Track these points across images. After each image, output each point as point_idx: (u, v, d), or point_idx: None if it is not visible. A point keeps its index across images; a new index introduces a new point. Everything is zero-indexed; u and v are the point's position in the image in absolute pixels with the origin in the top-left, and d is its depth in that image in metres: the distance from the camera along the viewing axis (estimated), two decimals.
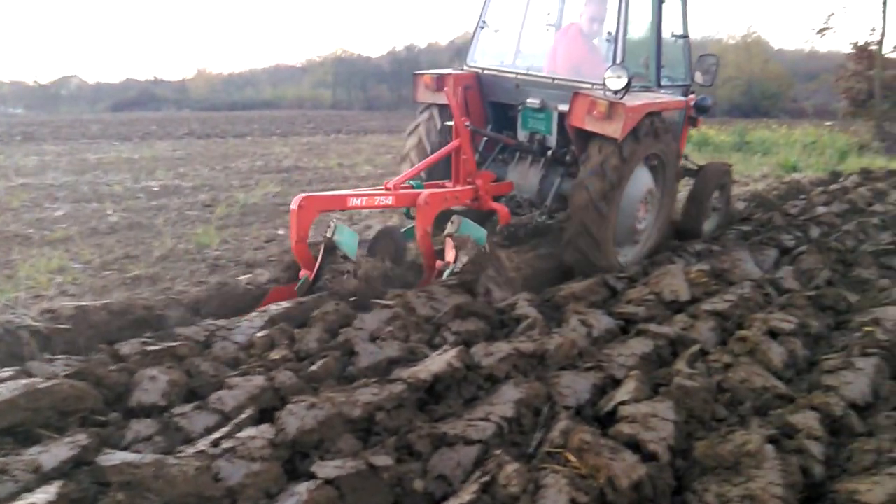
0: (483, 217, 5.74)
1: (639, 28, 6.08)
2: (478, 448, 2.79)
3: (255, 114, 36.79)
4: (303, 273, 4.84)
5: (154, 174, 11.86)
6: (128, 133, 20.10)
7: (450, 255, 5.06)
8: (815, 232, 7.40)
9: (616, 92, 5.29)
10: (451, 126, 5.70)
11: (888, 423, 3.22)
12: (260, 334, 3.82)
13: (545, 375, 3.53)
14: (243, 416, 2.86)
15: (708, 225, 7.41)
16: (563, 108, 5.73)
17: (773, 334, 4.08)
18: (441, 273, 5.04)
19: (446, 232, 5.19)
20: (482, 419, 2.97)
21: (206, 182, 11.18)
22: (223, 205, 9.03)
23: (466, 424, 2.91)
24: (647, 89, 6.01)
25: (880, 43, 19.54)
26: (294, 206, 4.61)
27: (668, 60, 6.37)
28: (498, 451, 2.70)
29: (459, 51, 52.42)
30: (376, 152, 16.62)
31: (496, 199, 5.98)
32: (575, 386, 3.42)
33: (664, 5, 6.05)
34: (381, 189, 5.20)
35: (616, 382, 3.54)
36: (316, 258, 4.81)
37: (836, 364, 3.78)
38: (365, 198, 5.06)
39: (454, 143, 5.65)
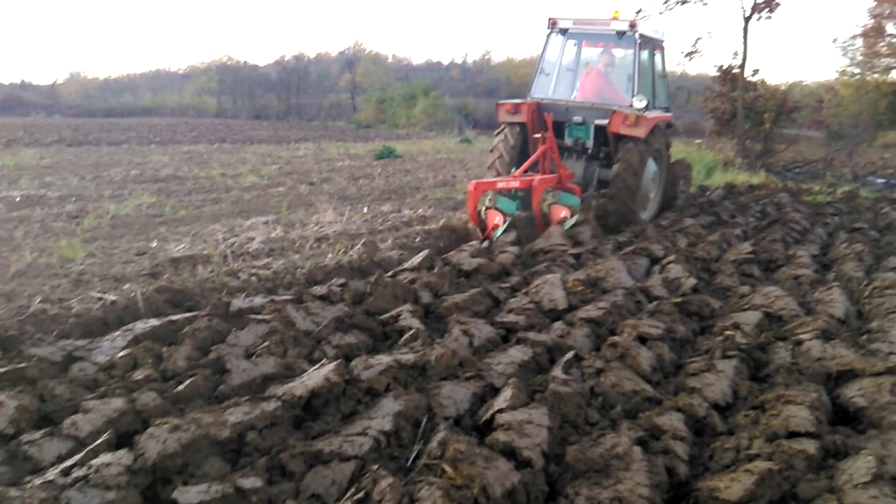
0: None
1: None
2: (354, 464, 2.73)
3: (133, 121, 35.09)
4: (490, 230, 7.62)
5: (17, 183, 11.00)
6: None
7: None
8: (682, 242, 7.84)
9: (640, 109, 8.62)
10: (514, 137, 9.27)
11: (746, 422, 3.41)
12: (122, 354, 3.59)
13: (426, 387, 3.52)
14: (99, 441, 2.66)
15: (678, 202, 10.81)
16: (599, 122, 8.98)
17: (643, 339, 4.26)
18: (561, 222, 8.02)
19: (548, 202, 8.59)
20: (360, 434, 2.91)
21: (74, 192, 10.48)
22: (91, 216, 8.48)
23: (343, 440, 2.84)
24: (647, 109, 8.86)
25: (742, 66, 21.05)
26: (470, 188, 7.44)
27: (657, 90, 9.74)
28: (375, 467, 2.65)
29: (349, 62, 52.35)
30: (262, 162, 16.20)
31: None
32: (455, 396, 3.42)
33: (655, 57, 9.64)
34: (510, 178, 8.12)
35: (495, 391, 3.58)
36: (482, 221, 7.80)
37: (700, 367, 3.99)
38: (503, 183, 7.92)
39: (543, 148, 8.53)
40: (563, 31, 9.61)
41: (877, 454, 2.86)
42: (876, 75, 42.88)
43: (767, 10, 20.50)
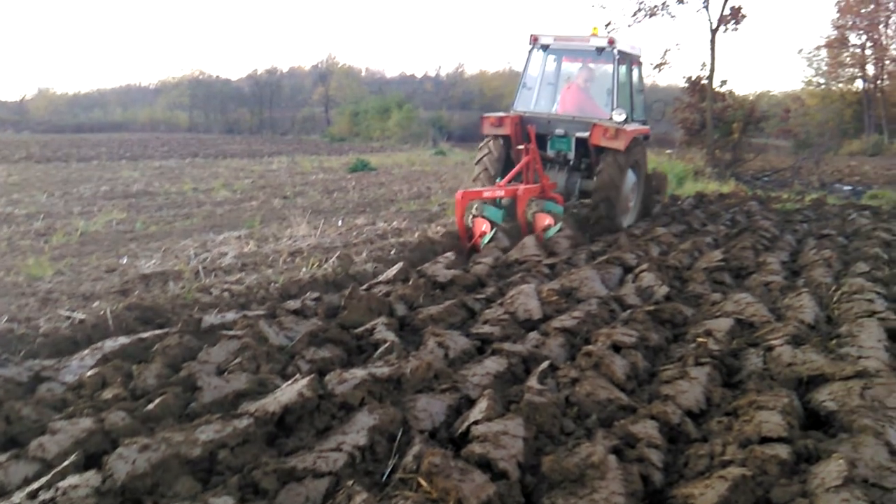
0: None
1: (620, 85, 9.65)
2: (328, 480, 2.69)
3: (104, 136, 34.69)
4: (478, 237, 7.99)
5: None
6: None
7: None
8: (655, 251, 7.91)
9: (619, 123, 9.02)
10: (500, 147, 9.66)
11: (720, 428, 3.44)
12: (90, 373, 3.52)
13: (401, 400, 3.49)
14: (66, 463, 2.60)
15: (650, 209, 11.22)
16: (580, 134, 9.41)
17: (617, 348, 4.28)
18: (545, 230, 8.28)
19: (532, 211, 8.87)
20: (334, 449, 2.88)
21: (42, 209, 10.30)
22: (60, 233, 8.34)
23: (317, 456, 2.81)
24: (626, 122, 9.31)
25: (710, 78, 21.41)
26: (458, 197, 7.82)
27: (634, 104, 10.18)
28: (350, 482, 2.62)
29: (322, 76, 52.26)
30: (235, 176, 16.08)
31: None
32: (430, 409, 3.40)
33: (633, 72, 10.10)
34: (495, 187, 8.58)
35: (471, 403, 3.57)
36: (469, 229, 8.21)
37: (673, 374, 4.02)
38: (489, 192, 8.37)
39: (527, 159, 8.92)
40: (545, 47, 10.03)
41: (847, 457, 2.90)
42: (841, 85, 44.07)
43: (734, 21, 20.91)
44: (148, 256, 7.16)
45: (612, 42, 9.37)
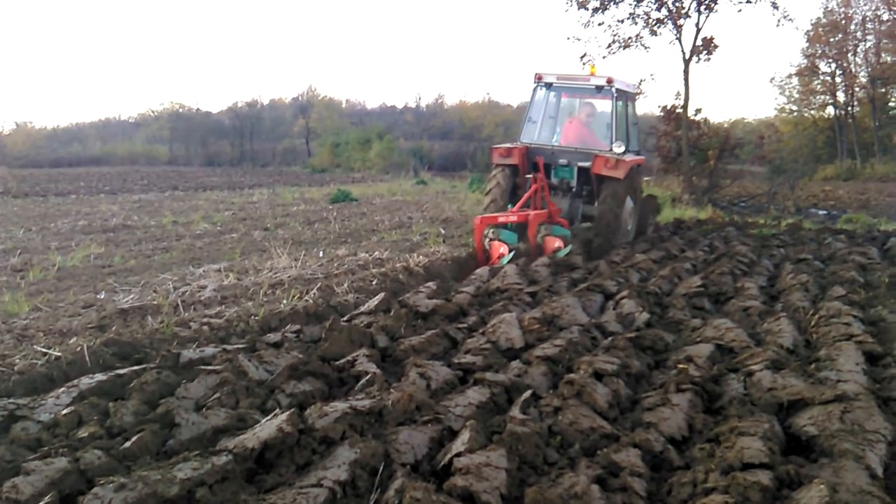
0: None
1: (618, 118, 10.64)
2: None
3: (82, 171, 34.51)
4: (495, 259, 8.82)
5: None
6: None
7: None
8: (635, 277, 7.96)
9: (619, 154, 9.94)
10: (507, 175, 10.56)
11: (702, 455, 3.44)
12: (66, 411, 3.46)
13: (383, 433, 3.46)
14: None
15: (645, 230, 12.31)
16: (582, 164, 10.36)
17: (599, 376, 4.28)
18: (556, 252, 9.35)
19: (541, 234, 9.64)
20: (314, 485, 2.84)
21: (18, 244, 10.16)
22: (36, 269, 8.23)
23: (297, 493, 2.77)
24: (624, 153, 10.18)
25: (685, 106, 21.81)
26: (476, 222, 8.94)
27: (630, 136, 11.02)
28: None
29: (303, 108, 52.49)
30: (215, 209, 16.01)
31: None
32: (412, 441, 3.38)
33: (628, 107, 11.08)
34: (509, 213, 9.57)
35: (454, 434, 3.54)
36: (486, 251, 9.05)
37: (655, 401, 4.03)
38: (503, 218, 9.28)
39: (535, 187, 9.85)
40: (548, 85, 11.01)
41: (829, 482, 2.91)
42: (813, 112, 44.99)
43: (706, 52, 21.38)
44: (126, 291, 7.07)
45: (610, 81, 10.32)
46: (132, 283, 7.55)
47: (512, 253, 8.87)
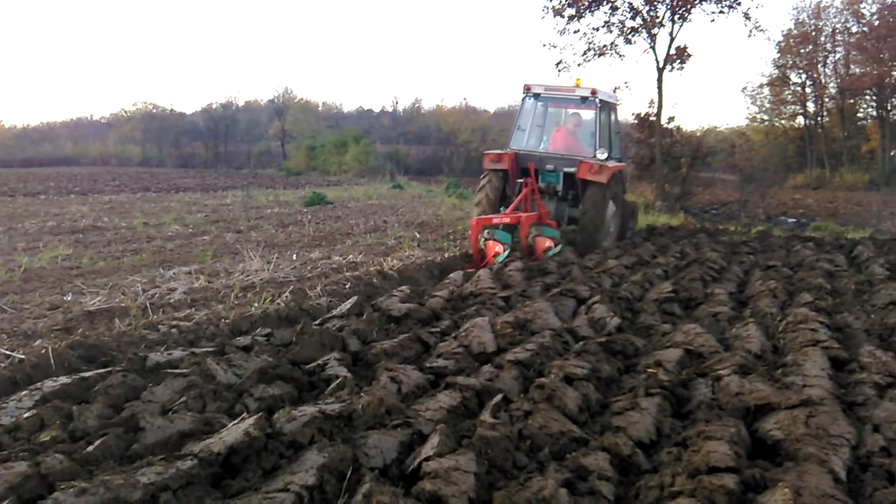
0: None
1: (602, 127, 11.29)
2: None
3: (52, 171, 33.98)
4: (491, 258, 9.28)
5: None
6: None
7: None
8: (607, 282, 8.02)
9: (602, 160, 10.62)
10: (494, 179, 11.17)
11: (670, 459, 3.46)
12: (28, 414, 3.38)
13: (352, 437, 3.42)
14: None
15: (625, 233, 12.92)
16: (567, 170, 11.01)
17: (569, 380, 4.29)
18: (546, 251, 10.06)
19: (532, 235, 10.40)
20: (281, 490, 2.80)
21: None
22: (2, 270, 8.06)
23: (263, 497, 2.73)
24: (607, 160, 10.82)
25: (658, 114, 22.08)
26: (473, 223, 9.45)
27: (612, 144, 11.55)
28: None
29: (279, 110, 52.14)
30: (187, 211, 15.84)
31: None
32: (382, 445, 3.35)
33: (611, 117, 11.72)
34: (502, 215, 10.11)
35: (423, 438, 3.53)
36: (482, 251, 9.50)
37: (624, 405, 4.05)
38: (497, 219, 9.80)
39: (525, 191, 10.52)
40: (536, 96, 11.74)
41: (793, 486, 2.94)
42: (783, 121, 45.82)
43: (679, 61, 21.68)
44: (94, 293, 6.95)
45: (594, 92, 11.02)
46: (100, 284, 7.44)
47: (507, 252, 9.35)
